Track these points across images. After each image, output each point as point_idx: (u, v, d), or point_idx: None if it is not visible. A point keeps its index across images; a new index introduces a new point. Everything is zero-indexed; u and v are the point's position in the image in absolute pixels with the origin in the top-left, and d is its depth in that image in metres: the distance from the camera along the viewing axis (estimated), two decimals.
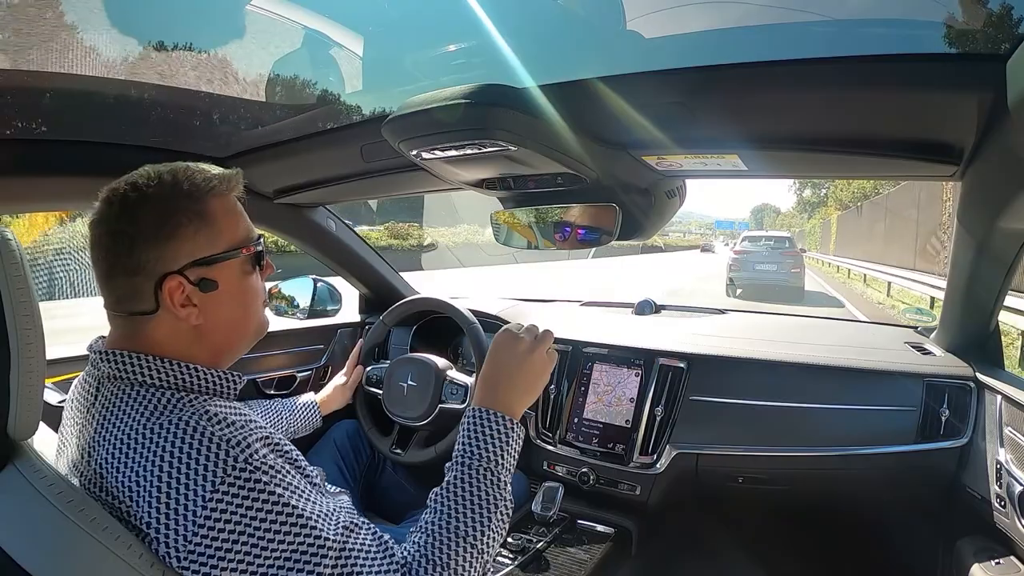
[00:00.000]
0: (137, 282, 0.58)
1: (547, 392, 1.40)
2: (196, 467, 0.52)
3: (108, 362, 0.59)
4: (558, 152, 0.87)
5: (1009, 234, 0.91)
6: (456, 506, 0.64)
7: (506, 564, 1.06)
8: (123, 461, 0.54)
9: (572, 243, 1.08)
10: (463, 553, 0.62)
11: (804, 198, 53.69)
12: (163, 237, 0.58)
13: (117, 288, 0.59)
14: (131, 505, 0.53)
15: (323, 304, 1.60)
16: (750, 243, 11.41)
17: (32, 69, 0.93)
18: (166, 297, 0.59)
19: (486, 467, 0.67)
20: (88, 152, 1.02)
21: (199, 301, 0.60)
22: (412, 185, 1.31)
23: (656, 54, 0.88)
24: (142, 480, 0.53)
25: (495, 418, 0.69)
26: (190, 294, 0.60)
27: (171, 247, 0.59)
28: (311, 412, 1.28)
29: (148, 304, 0.59)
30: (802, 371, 1.23)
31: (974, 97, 0.66)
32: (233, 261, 0.63)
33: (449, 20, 0.96)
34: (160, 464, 0.53)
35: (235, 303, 0.64)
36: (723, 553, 1.47)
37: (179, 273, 0.59)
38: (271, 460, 0.56)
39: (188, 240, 0.59)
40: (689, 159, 0.93)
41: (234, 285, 0.63)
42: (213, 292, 0.61)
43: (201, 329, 0.62)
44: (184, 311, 0.59)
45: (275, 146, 1.17)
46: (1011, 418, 1.02)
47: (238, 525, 0.52)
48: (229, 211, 0.63)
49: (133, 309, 0.59)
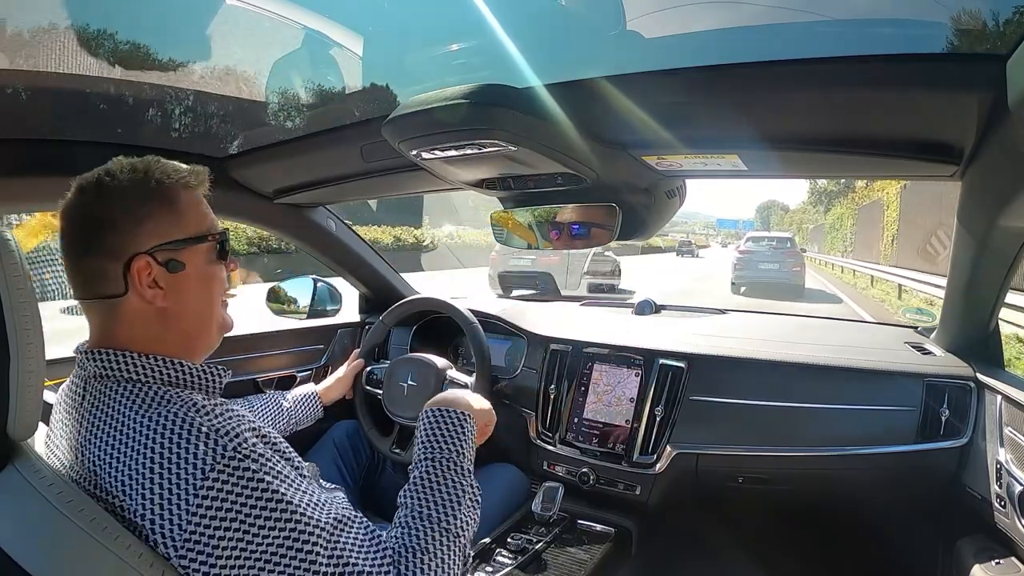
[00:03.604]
0: (106, 264, 0.60)
1: (547, 392, 1.40)
2: (186, 456, 0.53)
3: (93, 361, 0.60)
4: (558, 152, 0.87)
5: (1010, 232, 0.91)
6: (426, 498, 0.68)
7: (506, 564, 1.06)
8: (115, 456, 0.55)
9: (571, 243, 1.08)
10: (439, 538, 0.65)
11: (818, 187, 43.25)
12: (133, 221, 0.61)
13: (86, 269, 0.61)
14: (124, 500, 0.53)
15: (323, 304, 1.60)
16: (753, 243, 12.10)
17: (32, 69, 0.93)
18: (134, 276, 0.60)
19: (447, 457, 0.72)
20: (88, 152, 1.02)
21: (165, 284, 0.62)
22: (412, 185, 1.31)
23: (656, 54, 0.88)
24: (134, 474, 0.53)
25: (448, 414, 0.75)
26: (157, 276, 0.61)
27: (141, 231, 0.61)
28: (312, 402, 1.28)
29: (117, 287, 0.60)
30: (802, 371, 1.23)
31: (974, 97, 0.66)
32: (199, 247, 0.65)
33: (449, 20, 0.96)
34: (151, 456, 0.53)
35: (200, 289, 0.66)
36: (723, 553, 1.47)
37: (147, 254, 0.61)
38: (260, 449, 0.57)
39: (157, 224, 0.62)
40: (689, 159, 0.93)
41: (199, 270, 0.65)
42: (180, 274, 0.63)
43: (167, 313, 0.63)
44: (151, 292, 0.61)
45: (275, 146, 1.17)
46: (1011, 418, 1.02)
47: (229, 512, 0.53)
48: (196, 203, 0.66)
49: (102, 292, 0.61)
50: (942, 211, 10.98)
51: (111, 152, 1.05)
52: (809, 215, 49.83)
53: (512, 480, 1.35)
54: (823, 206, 40.24)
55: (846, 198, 28.42)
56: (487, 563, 1.07)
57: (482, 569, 1.05)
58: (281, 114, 1.19)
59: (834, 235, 27.67)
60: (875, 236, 17.94)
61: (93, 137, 1.05)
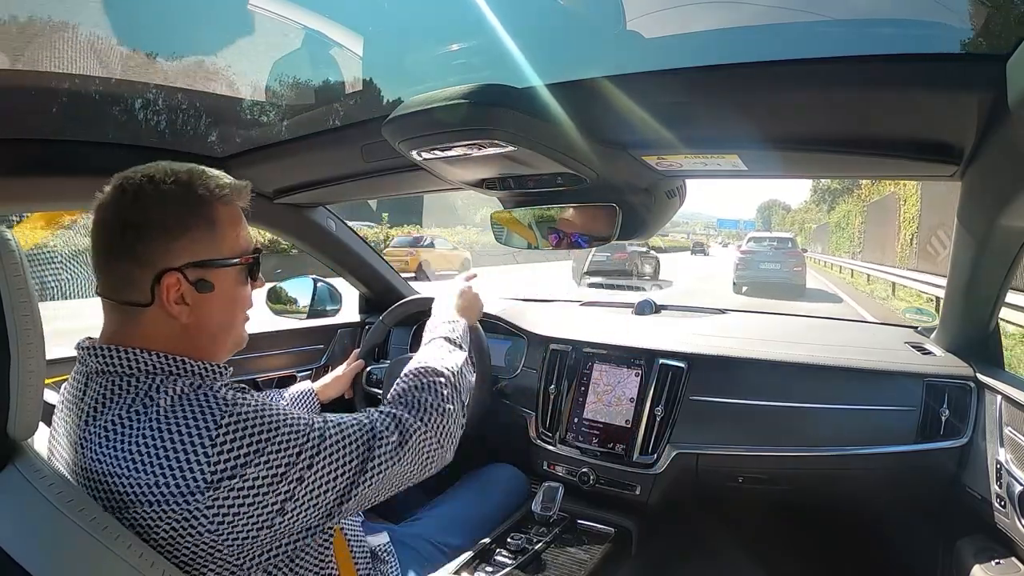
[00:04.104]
0: (136, 272, 0.60)
1: (547, 392, 1.40)
2: (194, 417, 0.55)
3: (96, 357, 0.60)
4: (558, 152, 0.87)
5: (1010, 232, 0.91)
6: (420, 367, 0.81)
7: (506, 564, 1.06)
8: (116, 442, 0.55)
9: (572, 243, 1.08)
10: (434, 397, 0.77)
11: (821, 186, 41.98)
12: (170, 234, 0.60)
13: (115, 273, 0.61)
14: (138, 477, 0.54)
15: (323, 304, 1.60)
16: (755, 243, 12.25)
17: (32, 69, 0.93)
18: (163, 291, 0.60)
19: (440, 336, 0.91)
20: (88, 152, 1.02)
21: (192, 301, 0.62)
22: (412, 185, 1.31)
23: (656, 54, 0.87)
24: (143, 448, 0.54)
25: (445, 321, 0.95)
26: (185, 292, 0.61)
27: (175, 245, 0.60)
28: (309, 399, 1.28)
29: (143, 296, 0.60)
30: (802, 371, 1.23)
31: (974, 97, 0.66)
32: (231, 268, 0.65)
33: (448, 20, 0.96)
34: (158, 428, 0.55)
35: (225, 309, 0.66)
36: (723, 553, 1.47)
37: (178, 270, 0.60)
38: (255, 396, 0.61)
39: (193, 241, 0.61)
40: (689, 159, 0.93)
41: (227, 291, 0.65)
42: (207, 294, 0.63)
43: (189, 329, 0.63)
44: (176, 308, 0.61)
45: (275, 146, 1.17)
46: (1011, 418, 1.02)
47: (249, 451, 0.56)
48: (234, 220, 0.66)
49: (127, 298, 0.61)
50: None
51: (111, 152, 1.06)
52: (812, 214, 48.49)
53: (512, 480, 1.34)
54: (826, 205, 39.00)
55: (851, 195, 26.47)
56: (487, 563, 1.06)
57: (482, 569, 1.05)
58: (281, 114, 1.19)
59: (840, 234, 26.17)
60: (889, 235, 15.79)
61: (93, 137, 1.05)
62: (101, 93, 1.02)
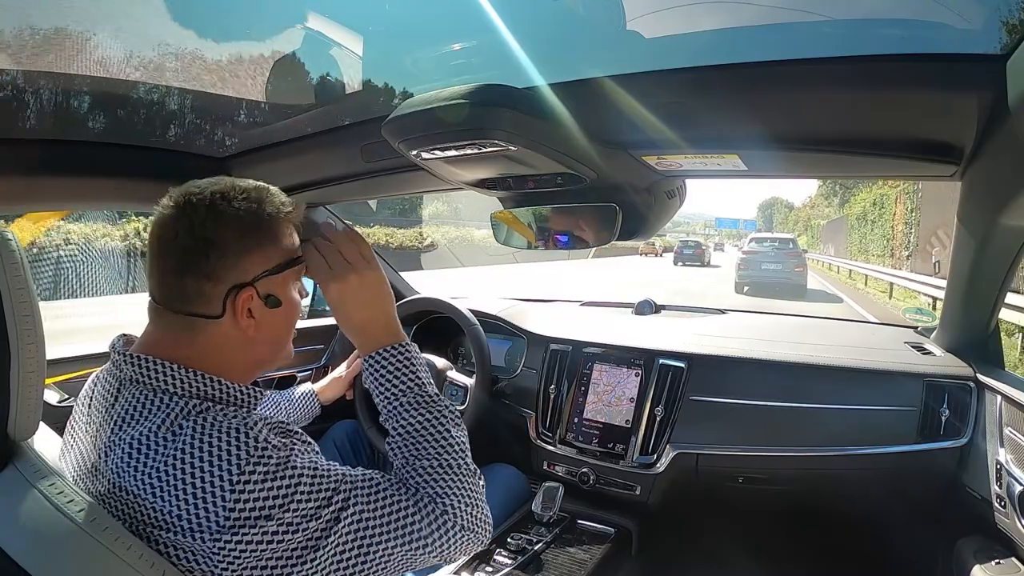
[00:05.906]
0: (207, 286, 0.60)
1: (547, 392, 1.40)
2: (219, 455, 0.54)
3: (132, 365, 0.59)
4: (558, 152, 0.87)
5: (1011, 231, 0.91)
6: (415, 444, 0.67)
7: (506, 564, 1.06)
8: (140, 460, 0.55)
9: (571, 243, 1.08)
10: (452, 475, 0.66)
11: None
12: (242, 251, 0.61)
13: (184, 288, 0.61)
14: (155, 502, 0.54)
15: (323, 304, 1.60)
16: (757, 244, 12.41)
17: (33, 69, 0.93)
18: (238, 305, 0.61)
19: (412, 396, 0.69)
20: (88, 152, 1.02)
21: (259, 314, 0.63)
22: (412, 185, 1.31)
23: (656, 54, 0.87)
24: (164, 476, 0.54)
25: (386, 353, 0.70)
26: (254, 307, 0.62)
27: (245, 260, 0.62)
28: (309, 400, 1.28)
29: (215, 309, 0.61)
30: (802, 371, 1.23)
31: (974, 97, 0.66)
32: (287, 272, 0.66)
33: (448, 20, 0.96)
34: (182, 459, 0.54)
35: (285, 318, 0.67)
36: (723, 553, 1.47)
37: (251, 285, 0.62)
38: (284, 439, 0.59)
39: (261, 256, 0.63)
40: (689, 159, 0.93)
41: (289, 301, 0.67)
42: (274, 308, 0.64)
43: (252, 342, 0.64)
44: (245, 322, 0.62)
45: (275, 146, 1.17)
46: (1011, 418, 1.02)
47: (268, 500, 0.54)
48: (290, 235, 0.68)
49: (196, 311, 0.61)
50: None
51: (111, 152, 1.06)
52: (820, 210, 42.74)
53: (512, 480, 1.35)
54: (837, 198, 34.04)
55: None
56: (487, 563, 1.07)
57: (482, 569, 1.05)
58: (281, 114, 1.19)
59: (866, 229, 18.98)
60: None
61: (93, 137, 1.05)
62: (102, 92, 1.02)
